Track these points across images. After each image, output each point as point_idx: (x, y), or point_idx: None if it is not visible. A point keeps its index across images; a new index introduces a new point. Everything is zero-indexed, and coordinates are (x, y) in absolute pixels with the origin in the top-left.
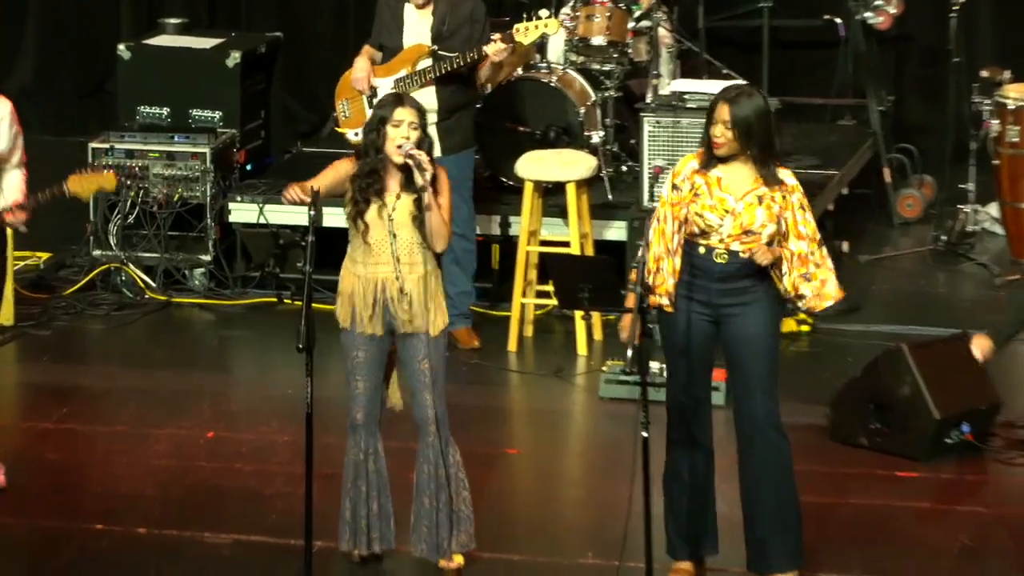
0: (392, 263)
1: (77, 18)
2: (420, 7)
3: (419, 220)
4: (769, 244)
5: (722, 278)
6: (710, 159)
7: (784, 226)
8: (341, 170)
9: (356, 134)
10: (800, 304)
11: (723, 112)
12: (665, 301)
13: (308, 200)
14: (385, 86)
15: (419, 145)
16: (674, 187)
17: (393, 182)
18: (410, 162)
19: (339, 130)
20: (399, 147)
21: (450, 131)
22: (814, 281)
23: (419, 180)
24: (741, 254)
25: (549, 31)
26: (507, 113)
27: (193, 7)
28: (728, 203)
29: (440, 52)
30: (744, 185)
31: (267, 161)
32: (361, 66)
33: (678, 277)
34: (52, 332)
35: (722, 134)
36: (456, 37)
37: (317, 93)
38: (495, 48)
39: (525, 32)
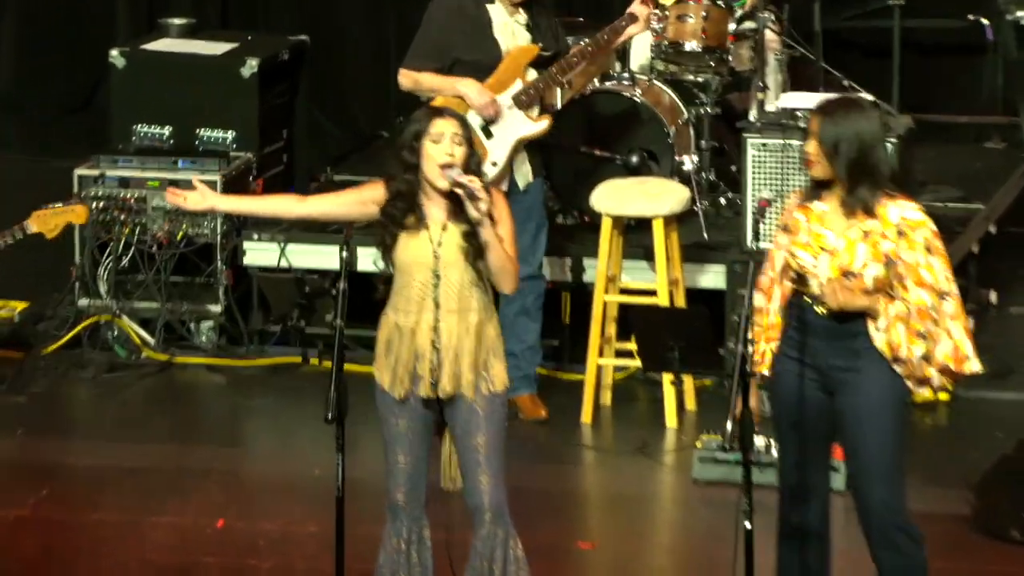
0: (432, 310)
1: (65, 16)
2: (516, 4)
3: (472, 255)
4: (877, 290)
5: (828, 335)
6: (814, 187)
7: (901, 270)
8: (365, 193)
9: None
10: (920, 382)
11: (814, 124)
12: (766, 364)
13: (194, 206)
14: (503, 102)
15: (467, 165)
16: (784, 227)
17: (436, 210)
18: (459, 191)
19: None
20: (443, 168)
21: (533, 151)
22: (940, 343)
23: (473, 213)
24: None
25: None
26: (581, 134)
27: (202, 5)
28: (826, 240)
29: (544, 53)
30: (847, 219)
31: (290, 190)
32: (478, 90)
33: (785, 334)
34: (29, 398)
35: (813, 151)
36: (548, 35)
37: (352, 108)
38: (643, 8)
39: None
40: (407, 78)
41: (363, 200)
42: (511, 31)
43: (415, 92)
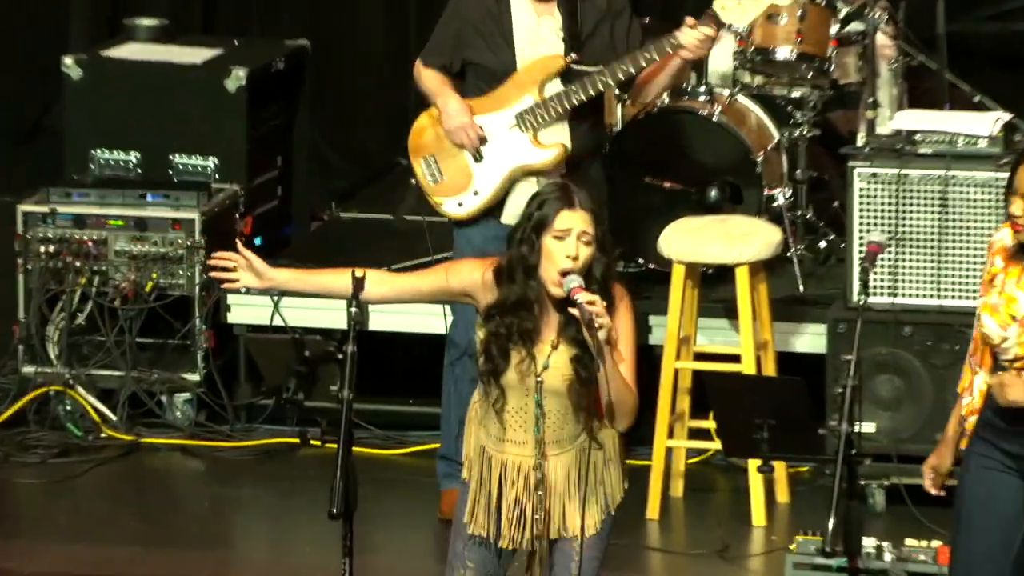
0: (532, 444)
1: (8, 20)
2: (542, 1)
3: (577, 384)
4: None
5: (1014, 418)
6: (1018, 252)
7: None
8: (455, 277)
9: (460, 204)
10: None
11: (1022, 178)
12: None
13: (234, 262)
14: (497, 125)
15: (589, 276)
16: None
17: (545, 325)
18: (576, 312)
19: (434, 200)
20: (562, 274)
21: (580, 187)
22: None
23: (591, 340)
24: None
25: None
26: (646, 161)
27: (179, 2)
28: (1019, 307)
29: (578, 66)
30: None
31: (285, 231)
32: (455, 108)
33: (978, 412)
34: None
35: (1022, 213)
36: (595, 40)
37: (363, 130)
38: (692, 37)
39: (738, 5)
40: (416, 71)
41: (452, 289)
42: (535, 36)
43: (420, 90)
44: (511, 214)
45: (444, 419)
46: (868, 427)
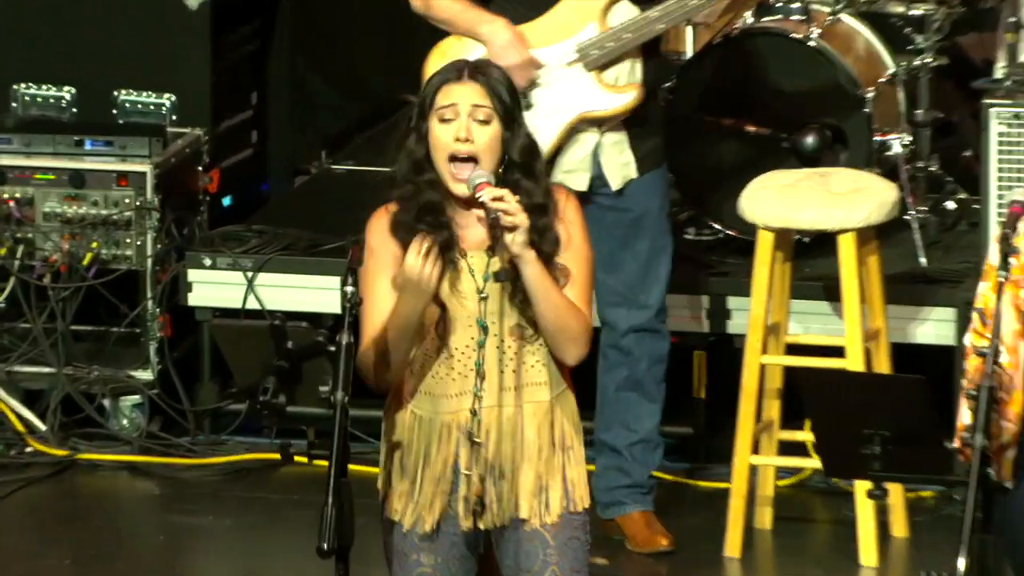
0: (473, 391)
1: None
2: None
3: (522, 300)
4: None
5: None
6: None
7: None
8: (384, 257)
9: None
10: None
11: None
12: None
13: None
14: (551, 63)
15: (504, 159)
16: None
17: (466, 229)
18: (487, 215)
19: None
20: (452, 162)
21: (644, 130)
22: None
23: (512, 245)
24: None
25: None
26: (723, 99)
27: None
28: None
29: None
30: None
31: (261, 189)
32: (507, 39)
33: None
34: None
35: None
36: None
37: (359, 60)
38: None
39: None
40: None
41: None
42: None
43: (427, 18)
44: (564, 172)
45: None
46: None
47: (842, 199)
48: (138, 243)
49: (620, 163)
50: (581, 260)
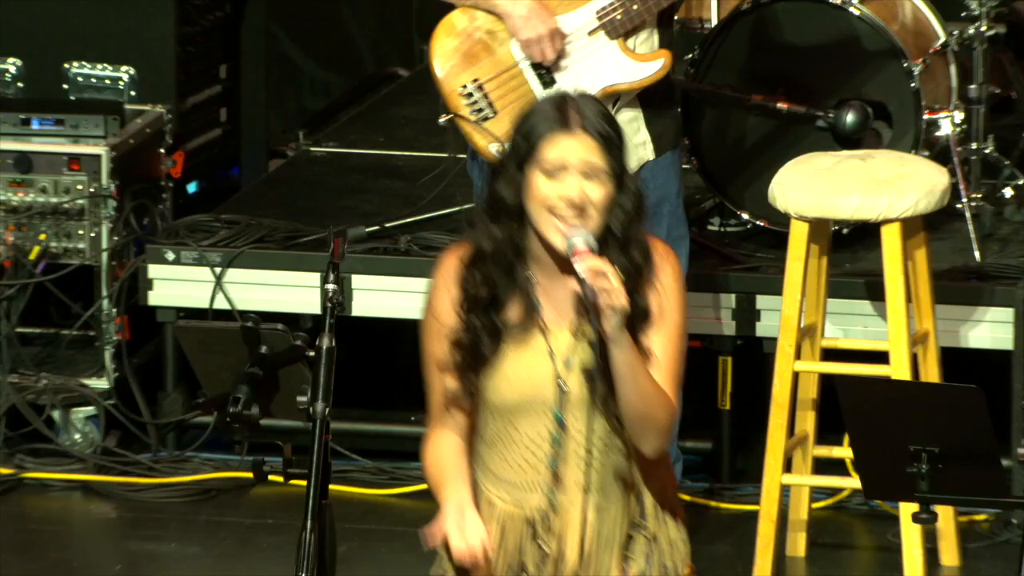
0: (546, 481)
1: None
2: None
3: (603, 389)
4: None
5: None
6: None
7: None
8: (444, 315)
9: None
10: None
11: None
12: None
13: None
14: (576, 26)
15: (610, 230)
16: None
17: (554, 301)
18: (577, 287)
19: (482, 143)
20: (565, 234)
21: (660, 107)
22: None
23: (606, 326)
24: None
25: None
26: (752, 73)
27: None
28: None
29: None
30: None
31: (232, 172)
32: (530, 8)
33: None
34: None
35: None
36: None
37: (346, 24)
38: None
39: None
40: None
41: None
42: None
43: None
44: (630, 148)
45: None
46: None
47: (886, 185)
48: (92, 235)
49: (635, 143)
50: (673, 336)
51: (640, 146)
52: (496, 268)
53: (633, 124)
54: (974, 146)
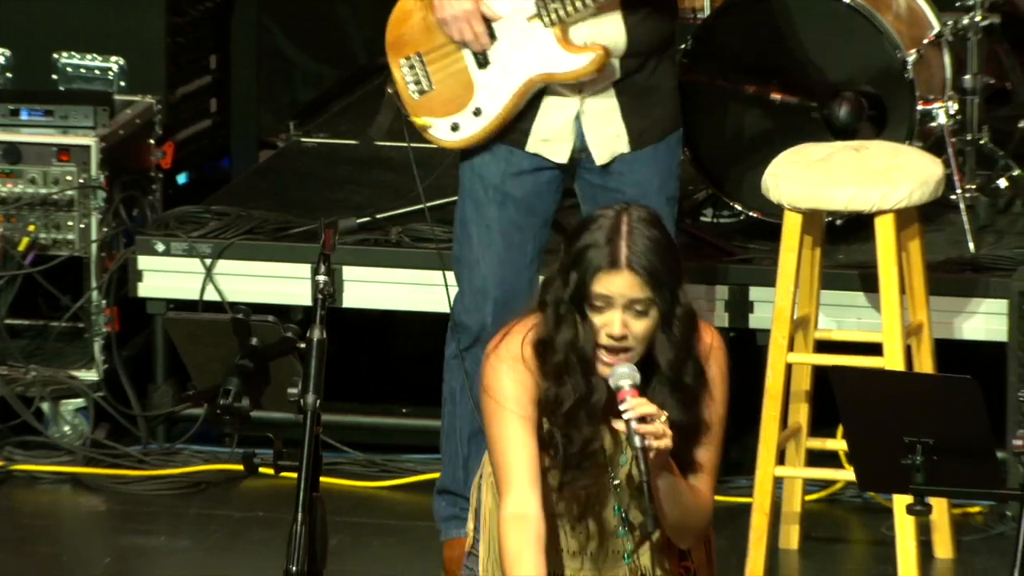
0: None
1: None
2: None
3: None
4: None
5: None
6: None
7: None
8: (515, 390)
9: (456, 128)
10: None
11: None
12: None
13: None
14: (510, 15)
15: (650, 362)
16: None
17: (606, 403)
18: (621, 428)
19: (417, 123)
20: (604, 352)
21: (643, 100)
22: None
23: (651, 465)
24: None
25: None
26: (746, 64)
27: None
28: None
29: None
30: None
31: (222, 164)
32: None
33: None
34: None
35: None
36: None
37: (339, 14)
38: None
39: None
40: None
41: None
42: None
43: None
44: (541, 141)
45: (446, 436)
46: None
47: (880, 176)
48: (81, 226)
49: (607, 135)
50: (717, 439)
51: (613, 137)
52: (572, 420)
53: (606, 115)
54: (969, 137)
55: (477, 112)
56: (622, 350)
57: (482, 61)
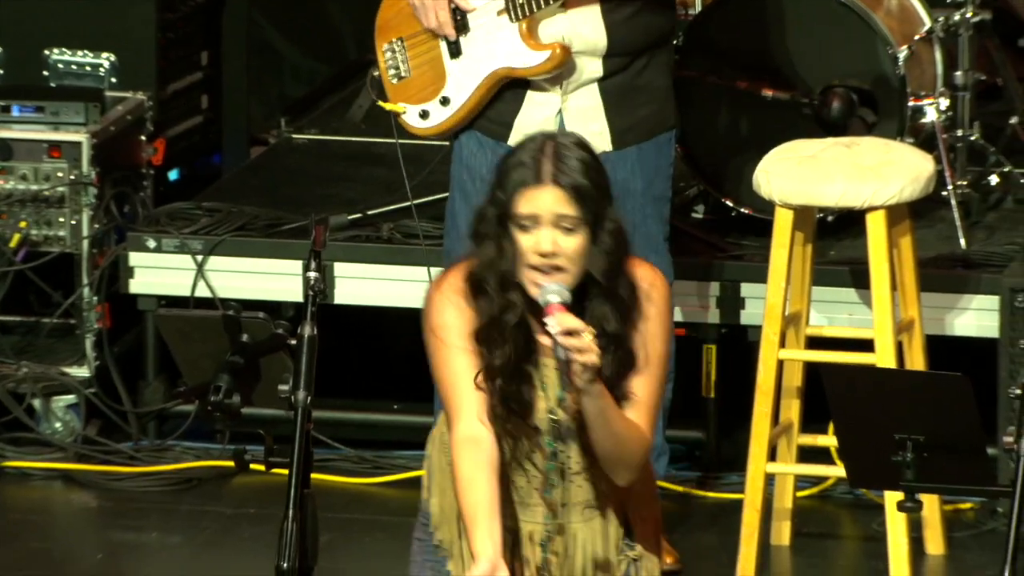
0: (543, 514)
1: None
2: None
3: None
4: None
5: None
6: None
7: None
8: (457, 337)
9: (424, 115)
10: None
11: None
12: None
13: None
14: (486, 8)
15: (587, 282)
16: None
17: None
18: (547, 342)
19: (387, 107)
20: (535, 272)
21: (629, 99)
22: None
23: (576, 382)
24: None
25: None
26: (737, 60)
27: None
28: None
29: None
30: None
31: (213, 160)
32: None
33: None
34: None
35: None
36: None
37: (331, 8)
38: None
39: None
40: None
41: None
42: None
43: None
44: (523, 135)
45: None
46: None
47: (871, 172)
48: (72, 222)
49: (589, 131)
50: (655, 372)
51: (595, 135)
52: (498, 339)
53: (588, 112)
54: (960, 133)
55: (444, 101)
56: (554, 269)
57: (455, 51)
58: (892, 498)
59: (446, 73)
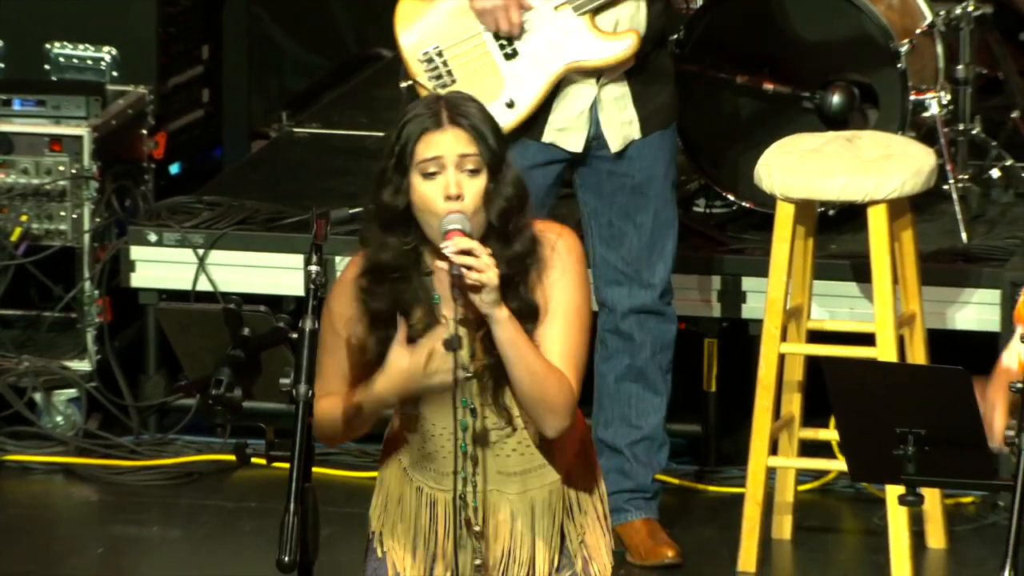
0: (463, 465)
1: None
2: None
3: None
4: None
5: None
6: None
7: None
8: (341, 315)
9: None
10: None
11: None
12: None
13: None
14: (537, 4)
15: (489, 210)
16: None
17: (450, 301)
18: (443, 266)
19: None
20: (445, 230)
21: (650, 87)
22: None
23: (479, 303)
24: None
25: None
26: (738, 53)
27: None
28: None
29: None
30: None
31: (214, 154)
32: None
33: None
34: None
35: None
36: None
37: (327, 6)
38: None
39: None
40: None
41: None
42: None
43: None
44: (557, 130)
45: None
46: None
47: (872, 166)
48: (74, 216)
49: (621, 121)
50: (570, 319)
51: (627, 124)
52: (394, 278)
53: (620, 101)
54: (961, 127)
55: (510, 104)
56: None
57: (510, 53)
58: (893, 492)
59: (503, 76)
